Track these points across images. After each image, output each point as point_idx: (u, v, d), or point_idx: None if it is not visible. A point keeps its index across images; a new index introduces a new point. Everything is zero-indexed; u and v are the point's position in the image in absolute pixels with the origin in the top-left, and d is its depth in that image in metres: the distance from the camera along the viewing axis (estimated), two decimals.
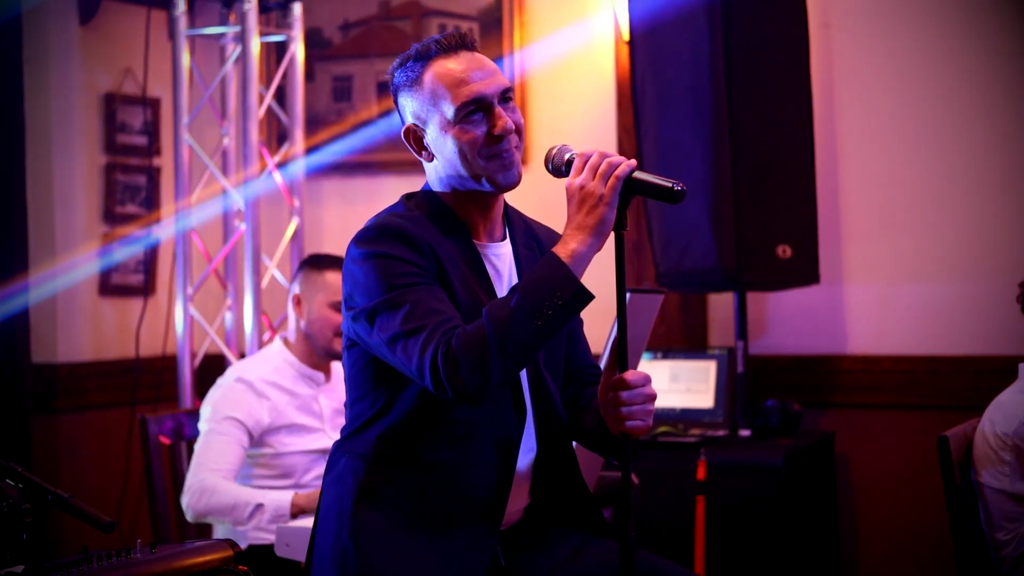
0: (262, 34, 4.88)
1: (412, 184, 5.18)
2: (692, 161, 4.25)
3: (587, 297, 2.26)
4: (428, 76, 2.41)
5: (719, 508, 4.03)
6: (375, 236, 2.38)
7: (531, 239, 2.58)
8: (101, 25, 5.03)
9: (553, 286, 2.23)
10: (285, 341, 3.85)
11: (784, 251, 4.29)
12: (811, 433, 4.54)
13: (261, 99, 4.85)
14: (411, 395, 2.39)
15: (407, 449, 2.41)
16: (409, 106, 2.45)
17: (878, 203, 4.61)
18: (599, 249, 2.29)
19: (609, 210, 2.27)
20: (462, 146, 2.38)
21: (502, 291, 2.47)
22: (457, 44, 2.42)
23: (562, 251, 2.27)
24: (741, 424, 4.41)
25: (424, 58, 2.42)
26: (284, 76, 5.01)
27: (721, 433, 4.39)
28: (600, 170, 2.28)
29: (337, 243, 5.22)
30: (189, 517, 3.64)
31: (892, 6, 4.59)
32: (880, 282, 4.61)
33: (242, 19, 4.71)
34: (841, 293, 4.65)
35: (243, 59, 4.71)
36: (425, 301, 2.30)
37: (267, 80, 5.20)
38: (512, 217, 2.56)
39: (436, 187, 2.49)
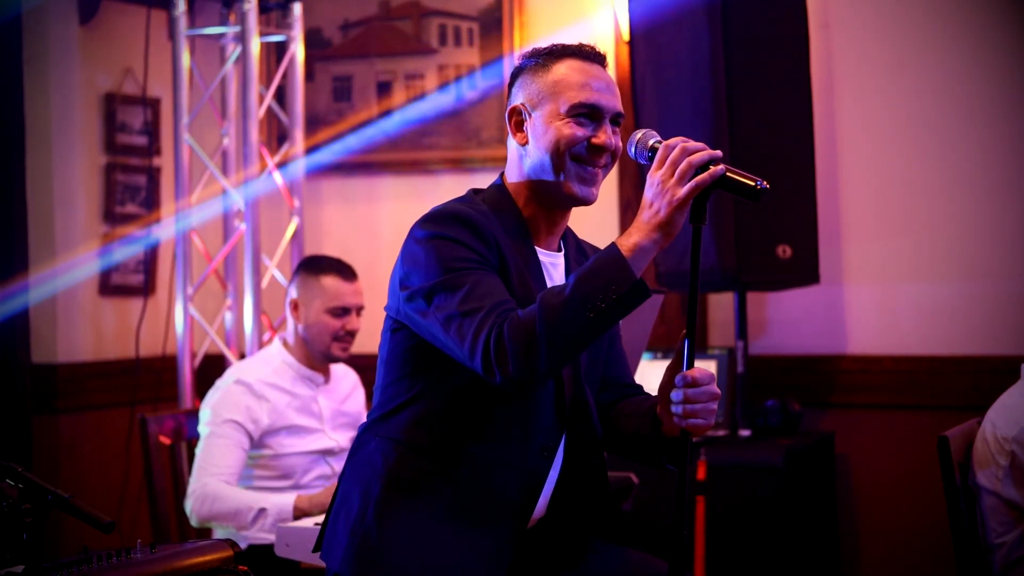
0: (262, 34, 4.88)
1: (412, 184, 5.23)
2: None
3: (644, 293, 2.22)
4: (559, 67, 2.45)
5: (719, 508, 4.03)
6: (441, 219, 2.37)
7: (580, 254, 2.59)
8: (101, 25, 5.03)
9: (610, 278, 2.21)
10: (284, 343, 3.85)
11: (784, 251, 4.29)
12: (811, 433, 4.54)
13: (261, 99, 4.85)
14: (450, 386, 2.38)
15: (442, 440, 2.40)
16: (525, 89, 2.48)
17: (878, 203, 4.60)
18: (663, 246, 2.26)
19: (679, 214, 2.24)
20: (560, 138, 2.40)
21: None
22: (595, 57, 2.49)
23: (624, 243, 2.24)
24: (741, 424, 4.41)
25: (560, 54, 2.47)
26: (284, 76, 5.01)
27: (721, 433, 4.39)
28: (680, 169, 2.25)
29: (337, 243, 5.22)
30: (194, 523, 3.65)
31: (892, 7, 4.59)
32: (880, 282, 4.61)
33: (242, 19, 4.71)
34: (841, 293, 4.65)
35: (243, 59, 4.71)
36: (484, 284, 2.30)
37: (267, 80, 5.20)
38: (567, 234, 2.58)
39: (512, 175, 2.50)
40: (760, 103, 4.29)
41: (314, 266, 3.84)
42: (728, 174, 2.25)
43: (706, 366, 4.46)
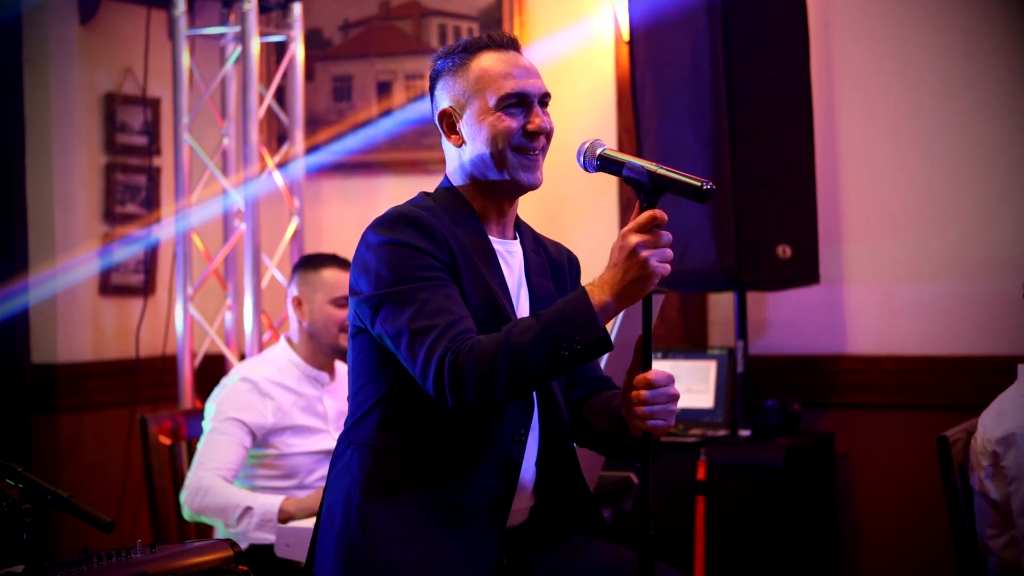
0: (262, 34, 4.88)
1: (412, 184, 5.22)
2: (692, 161, 4.25)
3: (607, 348, 2.25)
4: (476, 63, 2.47)
5: (719, 508, 4.03)
6: (392, 223, 2.40)
7: (537, 245, 2.61)
8: (101, 25, 5.03)
9: (576, 328, 2.23)
10: (289, 342, 3.85)
11: (784, 251, 4.29)
12: (811, 433, 4.54)
13: (261, 99, 4.85)
14: (414, 384, 2.38)
15: (413, 439, 2.41)
16: (449, 91, 2.50)
17: (878, 203, 4.60)
18: (630, 305, 2.27)
19: (650, 287, 2.24)
20: (496, 133, 2.42)
21: (513, 286, 2.50)
22: (508, 43, 2.50)
23: (595, 296, 2.25)
24: (741, 424, 4.41)
25: (474, 49, 2.49)
26: (284, 76, 5.01)
27: (721, 433, 4.39)
28: (662, 243, 2.23)
29: (337, 243, 5.22)
30: (186, 514, 3.65)
31: (892, 6, 4.59)
32: (880, 282, 4.61)
33: (242, 19, 4.71)
34: (841, 293, 4.65)
35: (243, 59, 4.71)
36: (435, 299, 2.31)
37: (267, 80, 5.20)
38: (520, 223, 2.60)
39: (456, 178, 2.52)
40: (760, 103, 4.29)
41: (312, 262, 3.87)
42: (672, 176, 2.24)
43: (706, 366, 4.50)
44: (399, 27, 5.22)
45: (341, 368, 3.92)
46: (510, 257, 2.52)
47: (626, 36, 4.66)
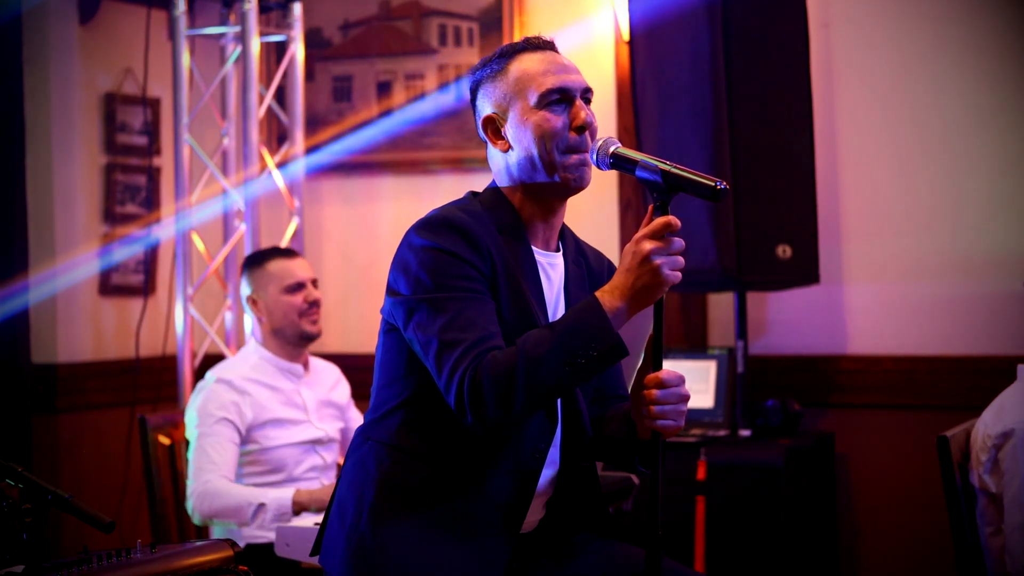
0: (262, 34, 4.88)
1: (412, 184, 5.24)
2: (692, 161, 4.23)
3: (623, 353, 2.25)
4: (514, 66, 2.45)
5: (719, 508, 4.03)
6: (437, 227, 2.36)
7: (579, 255, 2.59)
8: (101, 25, 5.03)
9: (591, 336, 2.23)
10: (257, 342, 3.90)
11: (784, 251, 4.29)
12: (811, 433, 4.54)
13: (261, 99, 4.85)
14: (440, 391, 2.37)
15: (433, 444, 2.40)
16: (491, 97, 2.47)
17: (878, 203, 4.60)
18: (641, 309, 2.28)
19: (661, 293, 2.26)
20: (543, 134, 2.40)
21: (551, 300, 2.48)
22: (544, 44, 2.50)
23: (607, 302, 2.25)
24: (741, 424, 4.41)
25: (511, 53, 2.48)
26: (284, 76, 5.01)
27: (721, 433, 4.39)
28: (674, 250, 2.25)
29: (337, 243, 5.23)
30: (196, 521, 3.66)
31: (892, 6, 4.59)
32: (880, 282, 4.61)
33: (242, 19, 4.71)
34: (841, 293, 4.65)
35: (243, 59, 4.71)
36: (468, 312, 2.30)
37: (267, 80, 5.20)
38: (564, 231, 2.57)
39: (504, 182, 2.49)
40: (760, 103, 4.29)
41: (256, 259, 3.93)
42: (686, 175, 2.25)
43: (706, 366, 4.50)
44: (399, 27, 5.22)
45: (315, 363, 3.96)
46: (551, 270, 2.49)
47: (626, 36, 4.67)
